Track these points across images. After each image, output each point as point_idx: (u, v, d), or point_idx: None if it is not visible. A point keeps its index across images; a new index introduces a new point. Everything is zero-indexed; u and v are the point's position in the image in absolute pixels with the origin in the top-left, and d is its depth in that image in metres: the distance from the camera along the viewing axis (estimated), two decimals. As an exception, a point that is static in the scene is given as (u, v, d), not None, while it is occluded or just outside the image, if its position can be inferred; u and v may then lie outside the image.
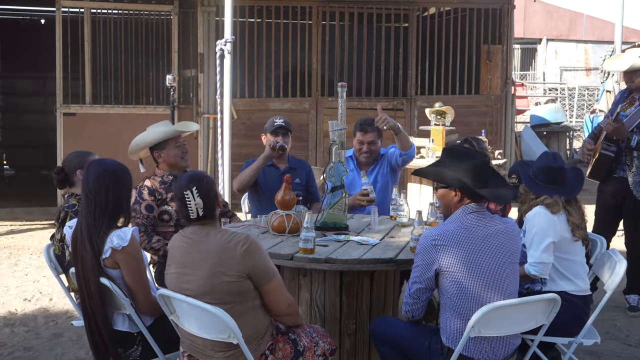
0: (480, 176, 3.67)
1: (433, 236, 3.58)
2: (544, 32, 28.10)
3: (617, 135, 5.89)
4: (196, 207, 3.47)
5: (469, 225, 3.60)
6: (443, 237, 3.56)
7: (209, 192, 3.49)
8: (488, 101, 11.96)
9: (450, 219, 3.72)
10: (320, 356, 3.69)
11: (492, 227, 3.62)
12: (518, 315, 3.53)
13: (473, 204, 3.65)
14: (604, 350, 5.33)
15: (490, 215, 3.69)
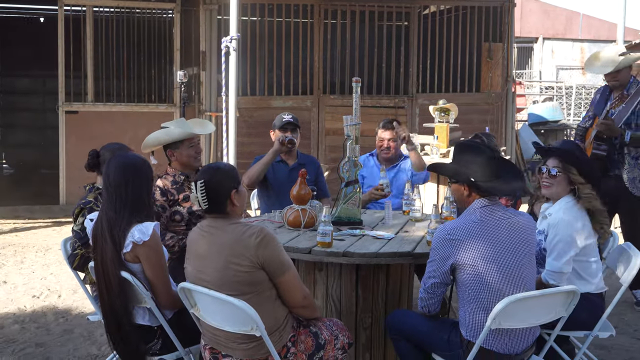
0: (487, 170, 3.68)
1: (448, 230, 3.59)
2: (541, 31, 28.17)
3: (610, 133, 5.90)
4: (196, 199, 3.49)
5: (483, 218, 3.61)
6: (458, 231, 3.57)
7: (217, 189, 3.47)
8: (489, 99, 12.01)
9: (464, 213, 3.74)
10: (340, 349, 3.70)
11: (506, 220, 3.63)
12: (538, 307, 3.54)
13: (486, 198, 3.66)
14: (614, 345, 5.35)
15: (504, 208, 3.70)
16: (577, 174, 4.27)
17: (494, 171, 3.70)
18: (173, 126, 5.11)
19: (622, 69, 6.04)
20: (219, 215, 3.50)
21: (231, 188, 3.50)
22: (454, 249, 3.54)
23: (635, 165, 5.99)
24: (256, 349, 3.41)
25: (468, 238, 3.54)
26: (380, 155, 6.09)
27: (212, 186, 3.46)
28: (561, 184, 4.32)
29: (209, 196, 3.45)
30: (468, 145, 3.88)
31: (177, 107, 10.81)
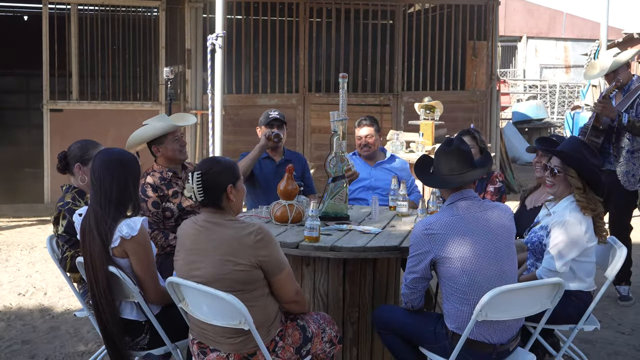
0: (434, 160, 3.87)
1: (425, 225, 3.62)
2: (524, 30, 28.32)
3: (607, 113, 5.95)
4: (192, 190, 3.48)
5: (458, 212, 3.65)
6: (435, 226, 3.60)
7: (214, 183, 3.45)
8: (473, 97, 12.06)
9: (441, 208, 3.81)
10: (327, 342, 3.72)
11: (482, 212, 3.67)
12: (524, 299, 3.56)
13: (457, 191, 3.71)
14: (598, 338, 5.40)
15: (479, 201, 3.74)
16: (576, 176, 4.24)
17: (434, 162, 3.85)
18: (153, 121, 5.11)
19: (619, 68, 6.10)
20: (215, 209, 3.49)
21: (229, 182, 3.48)
22: (432, 243, 3.58)
23: (630, 159, 6.05)
24: (244, 343, 3.42)
25: (445, 232, 3.58)
26: (361, 153, 6.12)
27: (208, 178, 3.45)
28: (563, 183, 4.33)
29: (205, 188, 3.44)
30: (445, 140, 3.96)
31: (163, 105, 10.77)
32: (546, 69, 28.48)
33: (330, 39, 11.66)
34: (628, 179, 6.10)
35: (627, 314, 6.07)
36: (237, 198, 3.54)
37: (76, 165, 4.37)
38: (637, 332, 5.65)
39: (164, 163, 5.09)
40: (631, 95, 6.06)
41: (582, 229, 4.15)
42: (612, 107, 5.94)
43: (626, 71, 6.20)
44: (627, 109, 6.01)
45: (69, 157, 4.41)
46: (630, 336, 5.57)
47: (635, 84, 6.11)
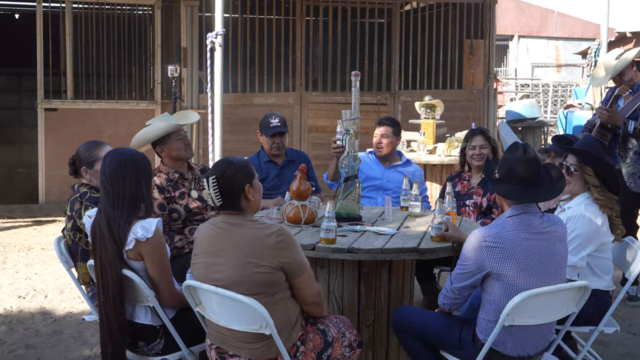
0: (510, 170, 3.59)
1: (485, 237, 3.48)
2: (516, 29, 28.32)
3: (612, 121, 5.90)
4: (209, 196, 3.39)
5: (521, 226, 3.51)
6: (496, 239, 3.47)
7: (231, 185, 3.37)
8: (471, 95, 12.00)
9: (498, 220, 3.64)
10: (347, 347, 3.63)
11: (543, 230, 3.53)
12: (551, 303, 3.49)
13: (521, 204, 3.56)
14: (611, 340, 5.34)
15: (540, 216, 3.59)
16: (593, 174, 4.20)
17: (515, 173, 3.58)
18: (156, 121, 5.03)
19: (623, 71, 6.05)
20: (235, 211, 3.40)
21: (245, 182, 3.39)
22: (490, 257, 3.45)
23: (637, 161, 5.99)
24: (265, 349, 3.33)
25: (506, 247, 3.45)
26: (375, 152, 6.07)
27: (224, 181, 3.35)
28: (579, 181, 4.27)
29: (222, 192, 3.35)
30: (512, 145, 3.72)
31: (158, 104, 10.66)
32: (538, 67, 28.49)
33: (327, 38, 11.57)
34: (634, 181, 6.05)
35: (636, 315, 6.02)
36: (255, 197, 3.46)
37: (82, 169, 4.37)
38: (649, 333, 5.60)
39: (169, 163, 5.02)
40: (638, 97, 6.01)
41: (598, 223, 4.12)
42: (617, 116, 5.88)
43: (631, 71, 6.15)
44: (637, 109, 5.96)
45: (77, 160, 4.35)
46: (643, 337, 5.52)
47: None
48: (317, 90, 11.58)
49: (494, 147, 5.55)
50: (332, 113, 11.30)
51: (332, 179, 5.65)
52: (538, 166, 3.62)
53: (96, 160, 4.33)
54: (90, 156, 4.37)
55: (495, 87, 12.56)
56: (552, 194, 3.69)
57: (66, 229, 4.33)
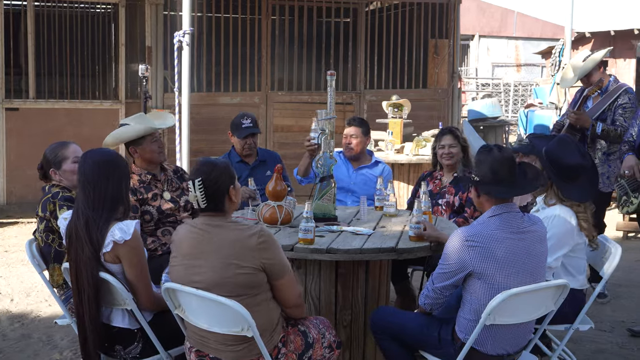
0: (493, 171, 3.58)
1: (467, 236, 3.48)
2: (477, 29, 28.59)
3: (581, 123, 5.96)
4: (195, 199, 3.35)
5: (503, 226, 3.52)
6: (478, 238, 3.48)
7: (216, 187, 3.34)
8: (435, 95, 12.07)
9: (480, 220, 3.64)
10: (327, 348, 3.62)
11: (523, 229, 3.56)
12: (531, 302, 3.51)
13: (502, 204, 3.57)
14: (581, 337, 5.39)
15: (521, 216, 3.60)
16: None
17: (498, 173, 3.59)
18: (133, 122, 4.95)
19: (590, 72, 6.10)
20: (217, 213, 3.37)
21: (229, 184, 3.37)
22: (472, 256, 3.45)
23: (605, 161, 6.05)
24: (247, 351, 3.30)
25: (488, 246, 3.46)
26: (345, 152, 6.04)
27: (210, 183, 3.32)
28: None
29: (208, 194, 3.31)
30: (483, 146, 3.73)
31: (122, 104, 10.53)
32: (498, 67, 28.80)
33: (292, 37, 11.55)
34: (603, 181, 6.11)
35: (604, 312, 6.10)
36: (237, 198, 3.44)
37: (51, 171, 4.32)
38: (617, 329, 5.67)
39: (141, 165, 4.95)
40: (608, 97, 6.07)
41: (572, 224, 4.14)
42: (586, 118, 5.94)
43: (598, 72, 6.21)
44: (605, 110, 6.02)
45: (44, 164, 4.30)
46: (612, 333, 5.58)
47: (613, 85, 6.12)
48: (283, 89, 11.54)
49: (464, 146, 5.57)
50: (298, 112, 11.30)
51: (303, 174, 5.63)
52: (515, 164, 3.66)
53: (63, 160, 4.31)
54: (57, 157, 4.33)
55: (459, 86, 12.64)
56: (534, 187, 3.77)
57: (38, 230, 4.25)
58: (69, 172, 4.28)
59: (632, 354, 5.19)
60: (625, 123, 5.93)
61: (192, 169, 3.45)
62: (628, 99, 6.01)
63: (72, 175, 4.25)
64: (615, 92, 6.04)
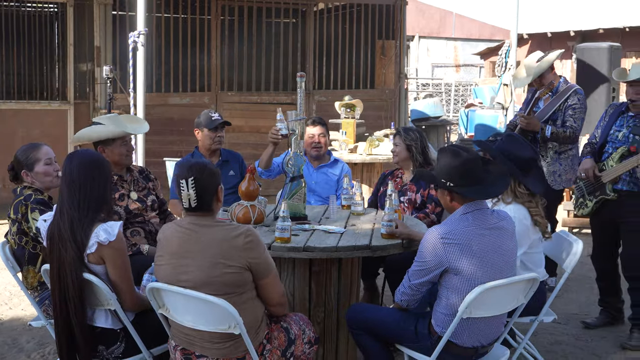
0: (467, 174, 3.69)
1: (442, 234, 3.60)
2: (416, 30, 28.97)
3: (531, 128, 6.14)
4: (188, 197, 3.41)
5: (476, 222, 3.65)
6: (453, 235, 3.59)
7: (207, 186, 3.41)
8: (383, 95, 12.24)
9: (452, 217, 3.75)
10: (307, 343, 3.71)
11: (494, 225, 3.69)
12: (504, 295, 3.67)
13: (473, 202, 3.69)
14: (539, 330, 5.57)
15: (491, 213, 3.74)
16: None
17: (473, 175, 3.71)
18: (107, 122, 4.96)
19: (543, 73, 6.28)
20: (204, 212, 3.42)
21: (218, 184, 3.46)
22: (448, 253, 3.57)
23: (557, 160, 6.24)
24: (233, 348, 3.37)
25: (463, 243, 3.58)
26: (310, 152, 6.12)
27: (202, 183, 3.38)
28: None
29: (199, 193, 3.37)
30: (447, 150, 3.84)
31: (71, 105, 10.42)
32: (437, 67, 29.23)
33: (242, 38, 11.57)
34: (555, 179, 6.30)
35: (556, 305, 6.28)
36: (222, 197, 3.50)
37: (23, 172, 4.31)
38: (571, 322, 5.88)
39: (108, 166, 4.95)
40: (558, 98, 6.27)
41: (527, 223, 4.31)
42: (535, 122, 6.10)
43: (551, 74, 6.40)
44: (555, 111, 6.22)
45: (15, 165, 4.30)
46: (567, 325, 5.79)
47: (563, 86, 6.32)
48: (233, 90, 11.56)
49: (408, 145, 5.64)
50: (248, 113, 11.33)
51: (265, 166, 5.66)
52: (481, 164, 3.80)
53: (35, 162, 4.31)
54: (29, 158, 4.32)
55: (405, 87, 12.85)
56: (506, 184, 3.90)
57: (10, 233, 4.24)
58: (41, 174, 4.28)
59: (587, 345, 5.40)
60: (574, 124, 6.13)
61: (179, 169, 3.49)
62: (577, 99, 6.20)
63: (44, 177, 4.27)
64: (565, 93, 6.24)
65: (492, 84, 17.69)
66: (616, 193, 5.37)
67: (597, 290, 6.70)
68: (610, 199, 5.40)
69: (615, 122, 5.50)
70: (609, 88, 10.73)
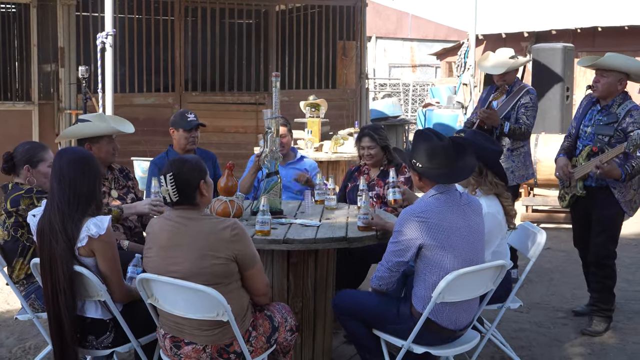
0: (433, 157, 3.91)
1: (416, 213, 3.80)
2: (373, 31, 29.21)
3: (491, 122, 6.39)
4: (167, 192, 3.56)
5: (448, 202, 3.87)
6: (428, 214, 3.80)
7: (188, 179, 3.56)
8: (344, 95, 12.46)
9: (423, 199, 3.95)
10: (289, 331, 3.89)
11: (462, 205, 3.91)
12: (475, 281, 3.89)
13: (441, 184, 3.91)
14: (503, 318, 5.78)
15: (459, 194, 3.96)
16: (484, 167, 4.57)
17: (442, 159, 3.91)
18: (94, 120, 5.10)
19: (510, 71, 6.54)
20: (189, 206, 3.58)
21: (199, 179, 3.59)
22: (422, 230, 3.77)
23: (510, 157, 6.49)
24: (221, 334, 3.53)
25: (437, 220, 3.78)
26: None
27: (181, 178, 3.54)
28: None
29: (179, 188, 3.53)
30: (420, 133, 4.06)
31: (36, 105, 10.45)
32: (394, 68, 29.57)
33: (205, 38, 11.68)
34: (508, 175, 6.55)
35: (519, 295, 6.51)
36: (208, 192, 3.66)
37: (25, 167, 4.37)
38: (533, 310, 6.14)
39: (92, 162, 5.07)
40: (513, 97, 6.53)
41: (499, 218, 4.53)
42: (496, 117, 6.34)
43: (514, 75, 6.67)
44: (509, 110, 6.48)
45: (17, 158, 4.36)
46: (529, 314, 6.05)
47: (517, 86, 6.58)
48: (197, 90, 11.67)
49: (384, 145, 5.84)
50: (211, 113, 11.44)
51: (247, 192, 5.73)
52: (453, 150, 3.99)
53: (41, 161, 4.40)
54: (36, 156, 4.41)
55: (367, 86, 13.08)
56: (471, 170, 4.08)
57: (3, 226, 4.30)
58: (41, 174, 4.36)
59: (549, 331, 5.67)
60: (528, 121, 6.40)
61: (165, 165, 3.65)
62: (530, 99, 6.47)
63: (43, 178, 4.35)
64: (519, 93, 6.50)
65: (449, 84, 18.01)
66: (586, 189, 5.63)
67: (555, 281, 7.05)
68: (580, 195, 5.66)
69: (586, 115, 5.74)
70: (563, 87, 11.08)
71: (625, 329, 5.70)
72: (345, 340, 5.12)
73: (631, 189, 5.52)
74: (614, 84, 5.51)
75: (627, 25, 16.24)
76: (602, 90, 5.54)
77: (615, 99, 5.54)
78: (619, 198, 5.49)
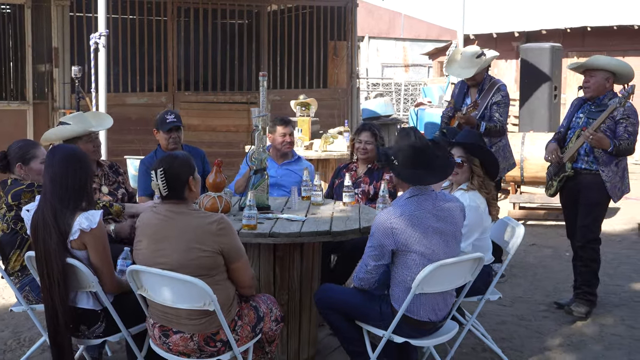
0: (409, 157, 4.01)
1: (390, 219, 3.91)
2: (366, 30, 29.40)
3: (468, 124, 6.57)
4: (157, 186, 3.72)
5: (421, 205, 3.96)
6: (400, 219, 3.90)
7: (178, 175, 3.71)
8: (335, 94, 12.60)
9: (398, 201, 4.07)
10: (274, 321, 4.04)
11: (437, 208, 4.00)
12: (453, 272, 4.04)
13: (415, 187, 4.01)
14: (485, 311, 5.97)
15: (434, 196, 4.04)
16: (479, 165, 4.80)
17: (414, 159, 4.02)
18: (72, 121, 5.23)
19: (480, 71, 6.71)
20: (178, 200, 3.73)
21: (188, 174, 3.75)
22: (395, 235, 3.88)
23: None
24: (208, 324, 3.68)
25: (409, 225, 3.89)
26: (281, 150, 6.41)
27: (171, 173, 3.69)
28: (466, 172, 4.84)
29: (169, 183, 3.68)
30: (403, 130, 4.21)
31: (30, 105, 10.59)
32: (387, 67, 29.73)
33: (198, 38, 11.82)
34: None
35: (503, 289, 6.69)
36: (196, 188, 3.81)
37: (17, 165, 4.53)
38: (516, 304, 6.30)
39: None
40: (485, 95, 6.69)
41: (482, 212, 4.70)
42: (473, 120, 6.54)
43: (484, 73, 6.82)
44: (483, 110, 6.65)
45: (10, 156, 4.52)
46: (512, 307, 6.20)
47: (488, 83, 6.75)
48: (189, 89, 11.81)
49: (379, 145, 6.01)
50: (204, 112, 11.60)
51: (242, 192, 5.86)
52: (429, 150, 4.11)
53: (33, 158, 4.56)
54: (28, 153, 4.57)
55: (357, 86, 13.24)
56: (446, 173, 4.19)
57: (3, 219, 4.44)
58: (34, 171, 4.52)
59: (531, 324, 5.82)
60: (501, 117, 6.62)
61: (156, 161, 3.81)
62: (501, 96, 6.68)
63: (36, 175, 4.51)
64: (490, 91, 6.68)
65: (441, 84, 18.18)
66: (574, 170, 5.87)
67: (539, 276, 7.21)
68: (568, 174, 5.88)
69: (578, 111, 6.00)
70: (551, 86, 11.24)
71: (604, 321, 5.86)
72: (331, 333, 5.25)
73: (617, 175, 5.76)
74: (602, 81, 5.83)
75: (616, 25, 16.44)
76: (592, 89, 5.85)
77: (606, 94, 5.85)
78: (606, 180, 5.72)
